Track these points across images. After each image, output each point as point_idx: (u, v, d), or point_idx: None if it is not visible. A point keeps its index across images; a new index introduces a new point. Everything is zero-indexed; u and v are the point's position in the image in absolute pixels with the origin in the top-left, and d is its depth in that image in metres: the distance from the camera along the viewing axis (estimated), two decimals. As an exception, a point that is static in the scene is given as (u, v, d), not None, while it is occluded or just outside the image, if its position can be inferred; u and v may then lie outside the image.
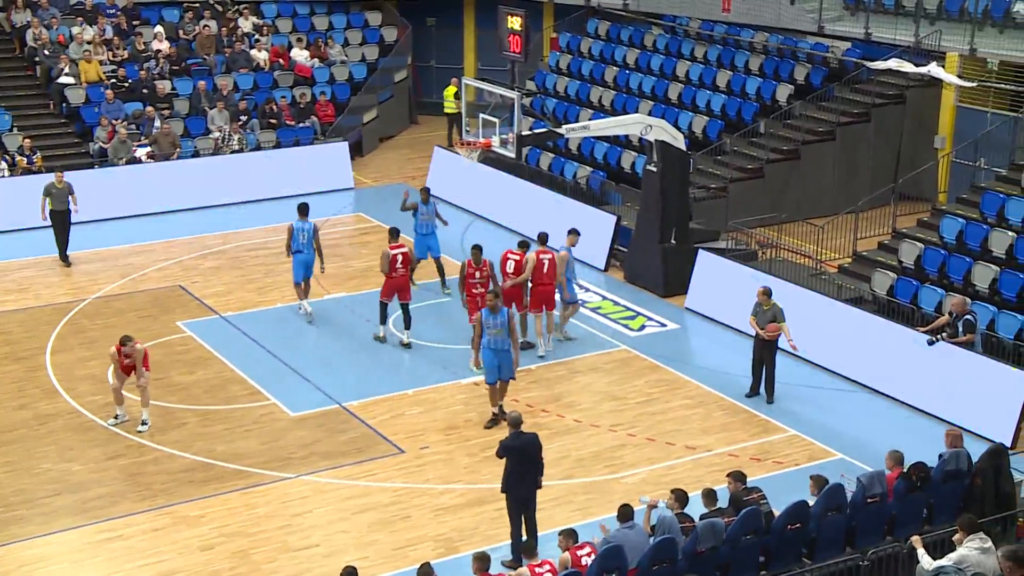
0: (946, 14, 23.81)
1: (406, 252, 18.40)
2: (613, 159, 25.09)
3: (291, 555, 13.39)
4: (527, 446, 13.04)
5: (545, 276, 18.05)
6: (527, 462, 13.02)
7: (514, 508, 13.00)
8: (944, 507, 12.66)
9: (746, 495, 12.17)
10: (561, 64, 29.42)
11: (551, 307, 18.32)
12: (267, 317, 19.79)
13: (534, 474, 13.11)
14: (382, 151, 30.18)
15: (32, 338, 19.01)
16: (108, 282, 21.37)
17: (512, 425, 13.20)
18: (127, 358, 15.91)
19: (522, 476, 12.98)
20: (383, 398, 17.01)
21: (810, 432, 16.15)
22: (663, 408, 16.87)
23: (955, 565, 10.58)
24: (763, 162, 24.10)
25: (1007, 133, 21.95)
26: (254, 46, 29.15)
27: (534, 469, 13.10)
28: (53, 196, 22.03)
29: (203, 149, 25.92)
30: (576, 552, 11.26)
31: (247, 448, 15.65)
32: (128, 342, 15.88)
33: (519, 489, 12.97)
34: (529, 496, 13.06)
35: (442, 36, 33.65)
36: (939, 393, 16.49)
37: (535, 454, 13.10)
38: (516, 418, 13.26)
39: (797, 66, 25.50)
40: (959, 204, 20.47)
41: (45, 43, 27.30)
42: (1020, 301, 17.66)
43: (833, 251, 21.01)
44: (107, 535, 13.75)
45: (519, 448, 12.98)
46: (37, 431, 16.08)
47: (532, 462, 13.07)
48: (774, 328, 16.67)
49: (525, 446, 13.02)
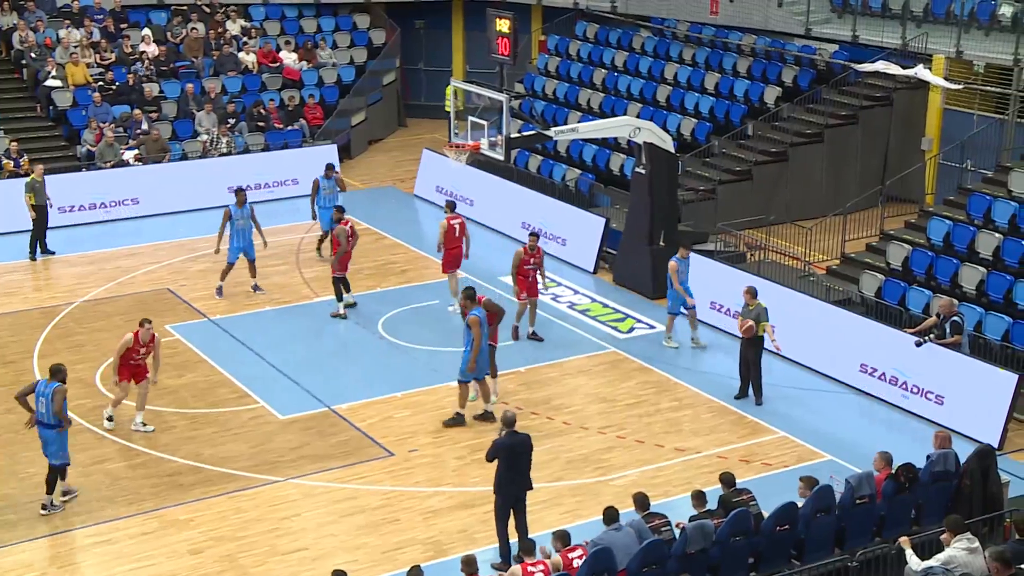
0: (932, 16, 23.89)
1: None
2: (602, 161, 25.11)
3: (280, 559, 13.36)
4: (520, 445, 13.03)
5: (456, 239, 19.63)
6: (521, 462, 13.00)
7: (503, 509, 12.99)
8: (932, 508, 12.69)
9: (735, 496, 12.18)
10: (549, 67, 29.44)
11: (457, 267, 19.85)
12: (255, 320, 19.76)
13: (527, 474, 13.10)
14: (371, 153, 30.17)
15: (19, 342, 18.94)
16: (96, 285, 21.30)
17: (506, 424, 13.17)
18: (144, 347, 15.74)
19: (515, 476, 12.96)
20: (372, 401, 16.99)
21: (799, 433, 16.18)
22: (652, 410, 16.88)
23: (943, 566, 10.61)
24: (751, 164, 24.15)
25: (993, 135, 22.04)
26: (242, 49, 29.11)
27: (527, 469, 13.09)
28: (36, 191, 22.04)
29: (191, 152, 25.87)
30: (567, 555, 11.26)
31: (236, 451, 15.61)
32: (146, 323, 15.84)
33: (512, 489, 12.96)
34: (521, 496, 13.05)
35: (431, 39, 33.63)
36: (927, 394, 16.53)
37: (528, 454, 13.09)
38: (510, 417, 13.22)
39: (785, 68, 25.56)
40: (946, 206, 20.54)
41: (32, 46, 27.22)
42: (1007, 302, 17.72)
43: (821, 253, 21.07)
44: (95, 539, 13.70)
45: (512, 447, 12.96)
46: (24, 435, 15.95)
47: (526, 462, 13.06)
48: (746, 327, 16.72)
49: (517, 445, 13.01)
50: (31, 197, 22.08)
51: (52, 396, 13.66)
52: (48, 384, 13.84)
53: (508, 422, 13.15)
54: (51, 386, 13.77)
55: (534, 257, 18.62)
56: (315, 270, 21.25)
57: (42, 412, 13.81)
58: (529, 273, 18.62)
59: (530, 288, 18.73)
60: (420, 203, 26.21)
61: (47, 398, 13.72)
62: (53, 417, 13.74)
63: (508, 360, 18.02)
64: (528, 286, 18.66)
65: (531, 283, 18.67)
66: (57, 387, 13.74)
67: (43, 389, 13.84)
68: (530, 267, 18.61)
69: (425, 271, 21.95)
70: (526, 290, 18.63)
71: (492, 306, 16.61)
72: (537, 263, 18.66)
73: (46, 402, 13.73)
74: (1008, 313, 17.39)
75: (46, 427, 13.86)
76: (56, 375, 13.90)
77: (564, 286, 21.39)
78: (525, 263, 18.59)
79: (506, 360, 18.04)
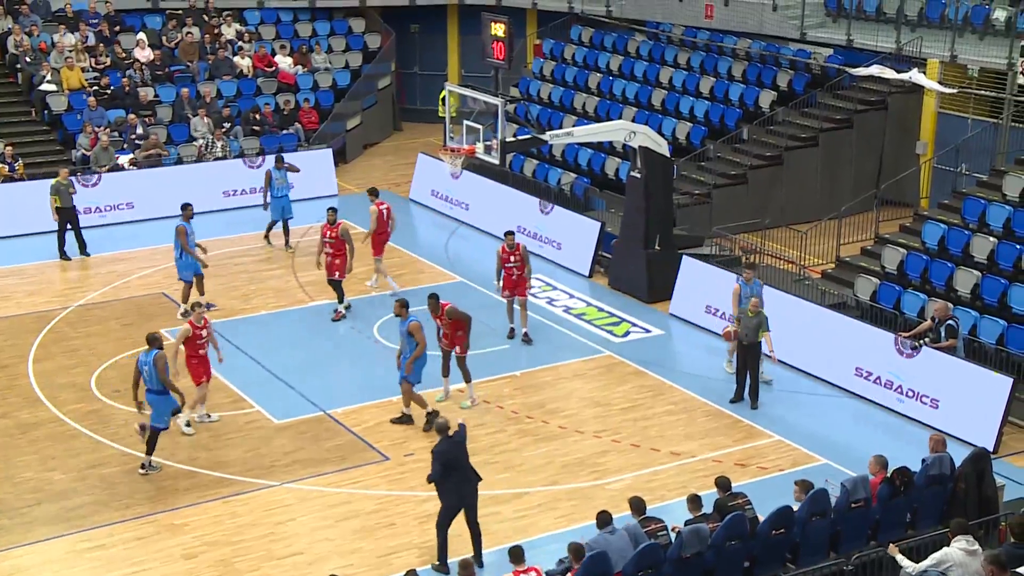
0: (927, 21, 23.97)
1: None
2: (597, 165, 25.12)
3: (275, 563, 13.34)
4: (456, 447, 12.93)
5: (384, 223, 20.51)
6: (463, 462, 12.94)
7: (450, 516, 12.91)
8: (927, 512, 12.70)
9: (731, 500, 12.18)
10: (545, 71, 29.46)
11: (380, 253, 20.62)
12: (250, 324, 19.74)
13: (473, 471, 13.03)
14: (366, 158, 30.17)
15: (13, 346, 18.91)
16: (91, 290, 21.28)
17: (440, 431, 13.03)
18: (203, 328, 15.89)
19: (463, 479, 12.90)
20: (367, 405, 16.96)
21: (794, 437, 16.18)
22: (647, 414, 16.88)
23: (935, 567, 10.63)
24: (746, 168, 24.17)
25: (988, 139, 22.07)
26: (237, 53, 29.10)
27: (469, 466, 13.02)
28: (60, 193, 22.11)
29: (186, 156, 25.85)
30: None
31: (231, 456, 15.58)
32: (198, 307, 16.12)
33: (464, 491, 12.87)
34: (475, 498, 13.00)
35: (426, 43, 33.65)
36: (922, 398, 16.54)
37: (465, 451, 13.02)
38: (443, 424, 13.10)
39: (780, 72, 25.59)
40: (941, 210, 20.57)
41: (27, 50, 27.21)
42: (1001, 306, 17.74)
43: (816, 257, 21.09)
44: (89, 544, 13.67)
45: (452, 451, 12.85)
46: (18, 440, 15.98)
47: (466, 460, 12.98)
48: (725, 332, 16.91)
49: (453, 447, 12.89)
50: (56, 200, 22.21)
51: (155, 363, 14.56)
52: (148, 353, 14.68)
53: (442, 429, 13.03)
54: (151, 355, 14.65)
55: (514, 255, 18.64)
56: (311, 274, 21.22)
57: (148, 379, 14.70)
58: (512, 271, 18.68)
59: (514, 287, 18.75)
60: (415, 207, 26.21)
61: (150, 366, 14.60)
62: (158, 383, 14.62)
63: (503, 364, 18.03)
64: (512, 284, 18.73)
65: (515, 281, 18.72)
66: (157, 354, 14.64)
67: (144, 359, 14.68)
68: (511, 265, 18.64)
69: (420, 275, 21.94)
70: (509, 288, 18.75)
71: (456, 314, 16.49)
72: (519, 261, 18.66)
73: (149, 369, 14.63)
74: (1003, 317, 17.40)
75: (152, 393, 14.74)
76: (153, 343, 14.78)
77: (559, 290, 21.39)
78: (505, 261, 18.67)
79: (501, 364, 18.07)
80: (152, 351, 14.68)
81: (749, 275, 17.71)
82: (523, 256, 18.72)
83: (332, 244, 19.47)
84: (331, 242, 19.46)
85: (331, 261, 19.53)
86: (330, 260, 19.52)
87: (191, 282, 19.80)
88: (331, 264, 19.55)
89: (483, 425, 16.28)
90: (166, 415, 14.90)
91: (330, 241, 19.45)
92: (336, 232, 19.45)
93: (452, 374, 16.83)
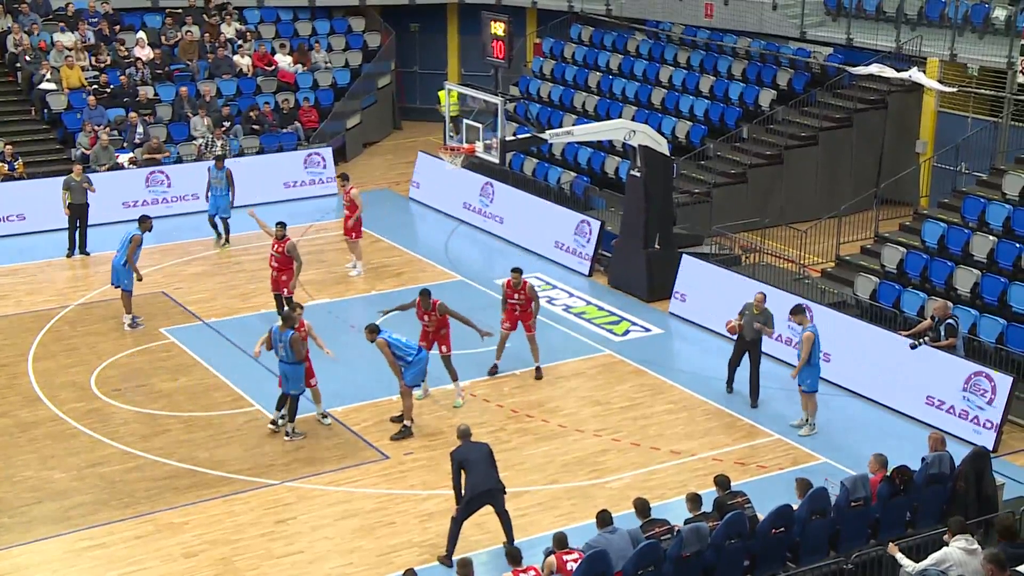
0: (926, 20, 23.96)
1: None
2: (597, 164, 25.12)
3: (274, 562, 13.34)
4: (472, 450, 13.13)
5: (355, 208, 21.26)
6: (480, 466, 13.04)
7: (463, 512, 13.01)
8: (927, 510, 12.70)
9: (730, 499, 12.18)
10: (544, 69, 29.46)
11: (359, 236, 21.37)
12: (250, 323, 19.71)
13: (492, 478, 13.11)
14: (366, 156, 30.16)
15: (13, 345, 18.90)
16: (90, 289, 21.27)
17: (461, 437, 13.28)
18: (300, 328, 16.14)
19: (478, 480, 12.98)
20: (366, 404, 16.97)
21: (794, 436, 16.18)
22: (647, 413, 16.88)
23: (936, 566, 10.63)
24: (746, 167, 24.17)
25: (987, 138, 22.08)
26: (237, 52, 29.09)
27: (489, 472, 13.10)
28: (72, 190, 22.11)
29: (186, 155, 25.84)
30: (562, 557, 11.25)
31: (230, 455, 15.58)
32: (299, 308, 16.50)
33: (487, 486, 12.95)
34: (492, 498, 13.07)
35: (425, 42, 33.65)
36: (922, 397, 16.54)
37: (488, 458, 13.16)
38: (464, 429, 13.35)
39: (780, 71, 25.58)
40: (941, 208, 20.57)
41: (26, 49, 27.19)
42: (1001, 305, 17.74)
43: (816, 255, 21.09)
44: (89, 543, 13.66)
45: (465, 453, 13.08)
46: (18, 439, 15.98)
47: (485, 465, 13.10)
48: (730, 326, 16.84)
49: (468, 451, 13.11)
50: (68, 195, 22.22)
51: (290, 343, 15.55)
52: (283, 333, 15.63)
53: (463, 435, 13.28)
54: (286, 335, 15.59)
55: (518, 292, 17.53)
56: (309, 272, 21.20)
57: (282, 354, 15.69)
58: (515, 307, 17.63)
59: (517, 321, 17.73)
60: (415, 206, 26.20)
61: (285, 343, 15.60)
62: (292, 357, 15.61)
63: (504, 363, 18.00)
64: (514, 320, 17.63)
65: (517, 316, 17.62)
66: (292, 335, 15.56)
67: (278, 336, 15.67)
68: (514, 301, 17.56)
69: (421, 274, 21.94)
70: (510, 322, 17.62)
71: (445, 310, 16.68)
72: (522, 299, 17.53)
73: (284, 347, 15.63)
74: (1002, 315, 17.41)
75: (286, 364, 15.72)
76: (287, 321, 15.73)
77: (559, 289, 21.39)
78: (508, 297, 17.62)
79: (502, 363, 18.02)
80: (287, 331, 15.56)
81: (801, 318, 16.23)
82: (529, 294, 17.68)
83: (278, 259, 19.09)
84: (277, 256, 19.09)
85: (276, 276, 19.18)
86: (276, 275, 19.18)
87: (131, 291, 19.36)
88: (276, 279, 19.20)
89: (483, 424, 16.27)
90: (300, 381, 15.82)
91: (276, 255, 19.11)
92: (283, 247, 19.05)
93: (432, 374, 16.73)
